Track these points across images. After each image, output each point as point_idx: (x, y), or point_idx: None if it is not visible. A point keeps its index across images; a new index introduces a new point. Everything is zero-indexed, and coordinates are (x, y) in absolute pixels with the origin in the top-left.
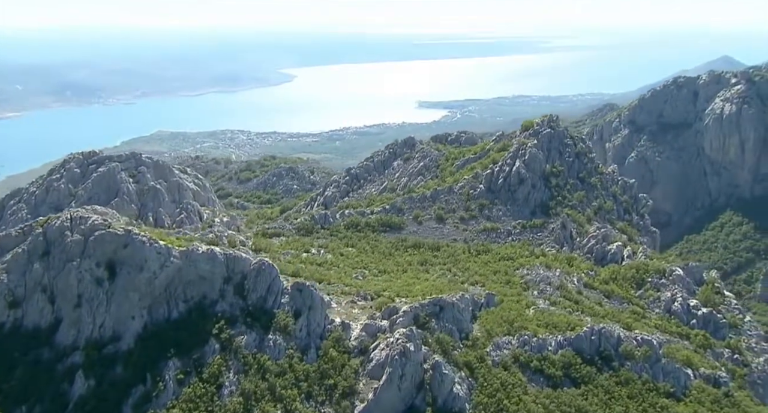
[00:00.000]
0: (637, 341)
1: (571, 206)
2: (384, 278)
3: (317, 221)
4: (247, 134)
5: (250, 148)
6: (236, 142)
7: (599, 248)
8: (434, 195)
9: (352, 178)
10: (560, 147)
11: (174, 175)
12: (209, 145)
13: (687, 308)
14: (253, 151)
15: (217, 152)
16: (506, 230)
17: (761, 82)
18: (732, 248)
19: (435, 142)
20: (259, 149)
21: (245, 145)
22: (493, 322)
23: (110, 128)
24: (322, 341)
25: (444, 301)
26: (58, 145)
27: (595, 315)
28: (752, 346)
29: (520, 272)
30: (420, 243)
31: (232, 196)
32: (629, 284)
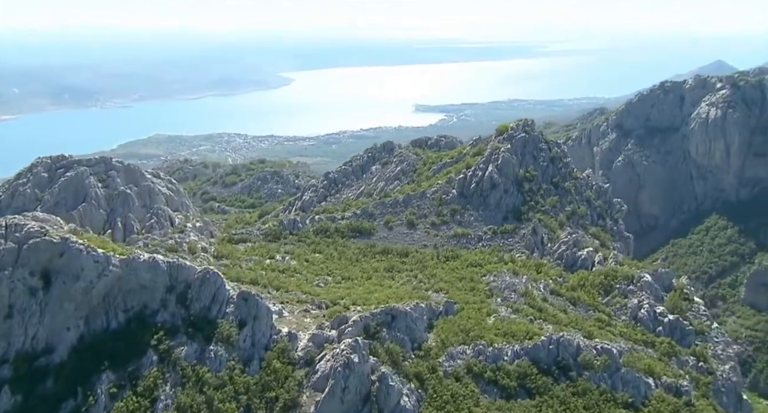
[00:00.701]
0: (596, 350)
1: (544, 212)
2: (346, 285)
3: (286, 226)
4: (244, 138)
5: (247, 151)
6: (233, 145)
7: (569, 254)
8: (407, 200)
9: (330, 182)
10: (534, 152)
11: (145, 179)
12: (206, 148)
13: (653, 315)
14: (249, 154)
15: (213, 156)
16: (477, 236)
17: (746, 87)
18: (717, 251)
19: (414, 146)
20: (256, 152)
21: (242, 148)
22: (449, 331)
23: (107, 132)
24: (266, 352)
25: (396, 310)
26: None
27: (558, 323)
28: (718, 353)
29: (486, 278)
30: (389, 249)
31: (216, 200)
32: (597, 290)
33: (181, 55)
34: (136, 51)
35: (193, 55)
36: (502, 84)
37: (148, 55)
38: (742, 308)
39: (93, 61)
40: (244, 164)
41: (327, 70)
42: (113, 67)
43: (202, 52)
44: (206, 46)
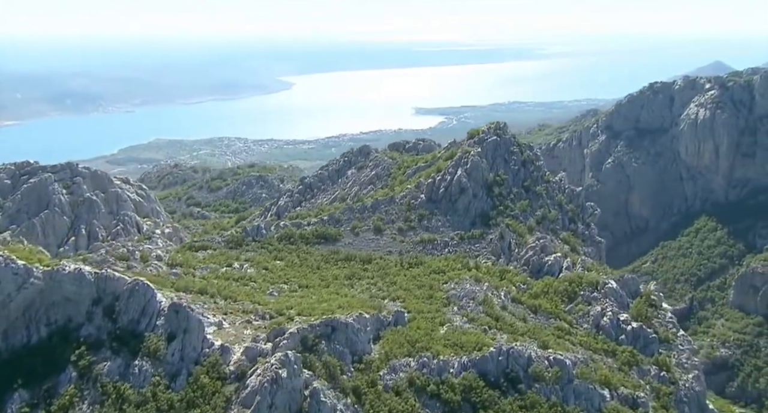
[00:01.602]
0: (549, 361)
1: (513, 216)
2: (300, 294)
3: (249, 233)
4: (244, 142)
5: (246, 155)
6: (233, 149)
7: (536, 260)
8: (375, 205)
9: (305, 187)
10: (506, 155)
11: (113, 186)
12: (206, 152)
13: (616, 322)
14: (248, 158)
15: (213, 160)
16: (443, 242)
17: (735, 88)
18: (706, 253)
19: (392, 150)
20: (255, 156)
21: (241, 152)
22: (395, 342)
23: (108, 136)
24: (196, 367)
25: (337, 321)
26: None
27: (514, 332)
28: (683, 362)
29: (447, 286)
30: (352, 256)
31: (201, 205)
32: (560, 298)
33: (182, 60)
34: (138, 56)
35: (194, 60)
36: (501, 86)
37: (149, 60)
38: (730, 311)
39: (94, 66)
40: (231, 169)
41: (327, 74)
42: (114, 72)
43: (202, 58)
44: (207, 52)
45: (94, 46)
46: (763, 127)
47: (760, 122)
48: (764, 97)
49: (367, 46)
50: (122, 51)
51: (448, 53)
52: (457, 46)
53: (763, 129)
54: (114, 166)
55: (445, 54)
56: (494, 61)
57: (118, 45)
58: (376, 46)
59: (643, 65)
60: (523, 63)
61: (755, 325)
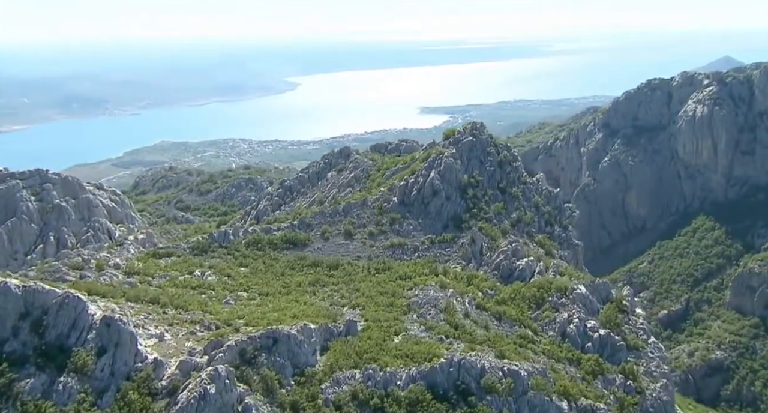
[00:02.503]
0: (503, 372)
1: (487, 219)
2: (257, 302)
3: (215, 239)
4: (249, 143)
5: (251, 156)
6: (237, 150)
7: (506, 264)
8: (347, 209)
9: (285, 190)
10: (482, 156)
11: (84, 192)
12: (210, 154)
13: (583, 330)
14: (253, 159)
15: (218, 161)
16: (413, 246)
17: (733, 83)
18: (703, 253)
19: (374, 151)
20: (259, 158)
21: (246, 153)
22: (342, 353)
23: (114, 139)
24: (126, 382)
25: (278, 333)
26: (61, 157)
27: (473, 341)
28: (651, 370)
29: (412, 292)
30: (319, 261)
31: (190, 208)
32: (528, 304)
33: (187, 62)
34: (143, 59)
35: (199, 62)
36: (508, 84)
37: (154, 63)
38: (727, 312)
39: (100, 70)
40: (222, 171)
41: (333, 75)
42: (120, 75)
43: (207, 60)
44: (212, 54)
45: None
46: (762, 123)
47: (760, 119)
48: (764, 93)
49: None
50: (127, 55)
51: (454, 52)
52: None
53: (763, 126)
54: (119, 169)
55: (450, 53)
56: (500, 60)
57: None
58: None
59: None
60: (529, 61)
61: (752, 327)
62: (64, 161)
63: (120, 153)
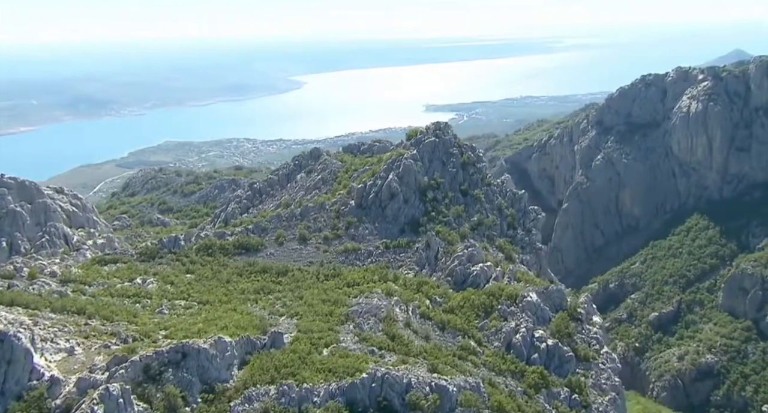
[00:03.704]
0: (430, 387)
1: (446, 223)
2: (192, 311)
3: (165, 244)
4: (253, 142)
5: (255, 156)
6: (241, 150)
7: (461, 270)
8: (304, 212)
9: (254, 193)
10: (444, 157)
11: (42, 196)
12: (214, 154)
13: (530, 340)
14: (257, 158)
15: (222, 161)
16: (367, 251)
17: (728, 78)
18: (697, 253)
19: (346, 152)
20: (264, 157)
21: (250, 153)
22: (260, 368)
23: (119, 140)
24: (16, 402)
25: (188, 347)
26: (67, 158)
27: (407, 353)
28: (601, 383)
29: (356, 300)
30: (269, 268)
31: (173, 210)
32: (476, 312)
33: (193, 63)
34: (149, 60)
35: (205, 62)
36: (515, 81)
37: (160, 64)
38: (719, 314)
39: (107, 71)
40: (207, 172)
41: (338, 73)
42: (126, 77)
43: (213, 60)
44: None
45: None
46: (758, 119)
47: (756, 114)
48: (760, 88)
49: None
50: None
51: (461, 49)
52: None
53: (759, 121)
54: (123, 169)
55: (457, 50)
56: (508, 56)
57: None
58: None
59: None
60: (537, 57)
61: (743, 330)
62: (70, 162)
63: (124, 153)
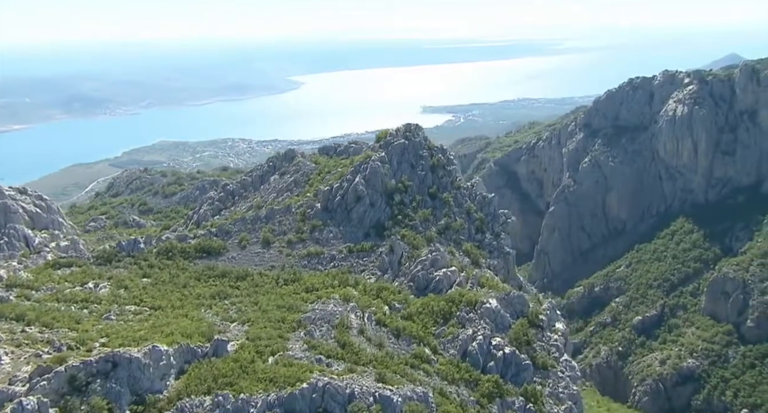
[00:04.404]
0: (374, 397)
1: (412, 227)
2: (141, 317)
3: (123, 248)
4: (248, 143)
5: (250, 156)
6: (236, 150)
7: (423, 275)
8: (269, 215)
9: (227, 194)
10: (413, 160)
11: (3, 197)
12: (209, 154)
13: (487, 348)
14: (252, 159)
15: (216, 161)
16: (330, 255)
17: (714, 82)
18: (681, 257)
19: (321, 153)
20: (258, 157)
21: (245, 153)
22: (198, 378)
23: (114, 139)
24: None
25: (119, 356)
26: (59, 157)
27: (356, 362)
28: (558, 391)
29: (312, 306)
30: (228, 272)
31: (154, 212)
32: (435, 319)
33: (191, 62)
34: (148, 60)
35: (203, 62)
36: (513, 83)
37: (157, 63)
38: (702, 319)
39: (103, 70)
40: (190, 173)
41: (337, 73)
42: (123, 76)
43: (212, 60)
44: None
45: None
46: (743, 123)
47: (740, 118)
48: (745, 92)
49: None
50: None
51: (461, 50)
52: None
53: (744, 125)
54: (116, 169)
55: (457, 51)
56: (507, 58)
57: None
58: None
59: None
60: (537, 59)
61: (725, 334)
62: (62, 161)
63: (118, 153)
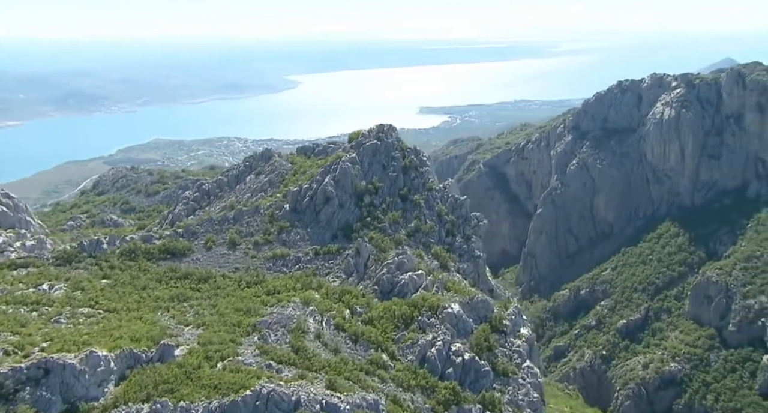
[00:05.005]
0: (321, 405)
1: (381, 229)
2: (93, 321)
3: (85, 248)
4: (244, 142)
5: (245, 155)
6: (231, 149)
7: (388, 279)
8: (237, 216)
9: (202, 194)
10: (385, 161)
11: None
12: (204, 152)
13: (446, 354)
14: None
15: (211, 160)
16: (296, 257)
17: (701, 85)
18: (666, 261)
19: (299, 153)
20: None
21: (240, 152)
22: (138, 384)
23: (109, 137)
24: None
25: (52, 363)
26: (53, 154)
27: (309, 368)
28: (518, 399)
29: (273, 309)
30: (191, 274)
31: (136, 211)
32: (396, 323)
33: (188, 60)
34: (143, 57)
35: (201, 60)
36: (511, 85)
37: (155, 60)
38: (686, 322)
39: (100, 68)
40: (174, 172)
41: (336, 73)
42: (120, 73)
43: (210, 58)
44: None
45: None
46: (729, 127)
47: (727, 122)
48: (731, 96)
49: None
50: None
51: (459, 51)
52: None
53: (729, 129)
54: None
55: (455, 52)
56: (506, 60)
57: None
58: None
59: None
60: (535, 61)
61: (707, 338)
62: (56, 158)
63: (113, 151)
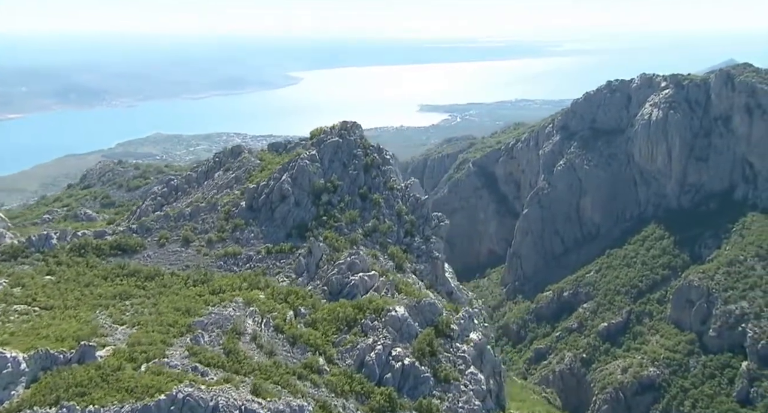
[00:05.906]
0: (240, 410)
1: (337, 228)
2: (24, 319)
3: (33, 243)
4: (243, 137)
5: None
6: (230, 144)
7: (338, 280)
8: (194, 213)
9: (170, 190)
10: (346, 159)
11: None
12: (203, 147)
13: (385, 358)
14: None
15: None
16: (247, 256)
17: (690, 86)
18: (650, 264)
19: (270, 150)
20: None
21: None
22: (50, 386)
23: (109, 131)
24: None
25: None
26: (52, 147)
27: (236, 371)
28: (458, 406)
29: (212, 309)
30: (138, 271)
31: (116, 205)
32: (339, 326)
33: (190, 56)
34: (145, 52)
35: (202, 56)
36: (512, 83)
37: (156, 56)
38: (667, 327)
39: (101, 62)
40: (157, 166)
41: (337, 70)
42: (121, 68)
43: (210, 53)
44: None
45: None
46: (717, 129)
47: (715, 124)
48: (719, 98)
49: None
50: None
51: (460, 50)
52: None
53: (717, 131)
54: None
55: (456, 51)
56: (507, 59)
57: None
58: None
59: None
60: (535, 60)
61: (687, 343)
62: (55, 151)
63: (112, 144)
